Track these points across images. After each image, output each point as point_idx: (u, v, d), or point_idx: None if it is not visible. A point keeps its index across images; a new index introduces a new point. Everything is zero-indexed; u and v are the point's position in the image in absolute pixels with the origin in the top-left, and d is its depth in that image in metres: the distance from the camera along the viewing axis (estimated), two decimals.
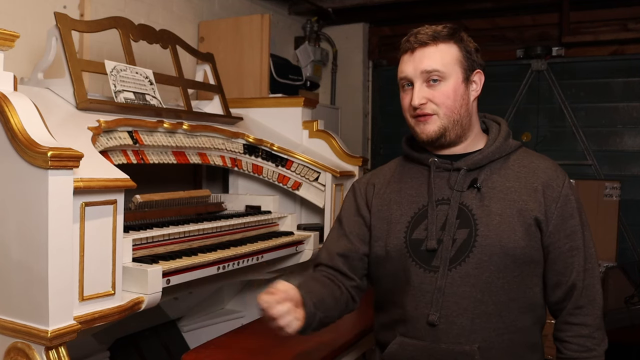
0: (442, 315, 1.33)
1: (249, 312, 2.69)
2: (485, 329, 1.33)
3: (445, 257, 1.34)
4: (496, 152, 1.41)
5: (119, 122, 1.87)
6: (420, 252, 1.37)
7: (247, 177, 2.66)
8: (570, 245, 1.37)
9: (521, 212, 1.35)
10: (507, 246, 1.33)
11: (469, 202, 1.37)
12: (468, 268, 1.33)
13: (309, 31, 4.31)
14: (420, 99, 1.36)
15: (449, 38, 1.38)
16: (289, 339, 1.85)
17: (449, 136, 1.39)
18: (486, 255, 1.33)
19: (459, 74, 1.38)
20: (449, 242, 1.35)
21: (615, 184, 3.77)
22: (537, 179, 1.38)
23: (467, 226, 1.35)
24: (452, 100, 1.37)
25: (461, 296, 1.33)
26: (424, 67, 1.36)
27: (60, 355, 1.34)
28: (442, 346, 1.34)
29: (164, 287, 1.61)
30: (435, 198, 1.40)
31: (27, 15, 2.33)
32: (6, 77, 1.43)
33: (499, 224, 1.34)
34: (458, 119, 1.38)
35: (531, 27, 4.12)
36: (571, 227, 1.37)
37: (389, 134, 4.60)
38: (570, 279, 1.37)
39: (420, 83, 1.37)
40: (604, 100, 3.97)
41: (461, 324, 1.33)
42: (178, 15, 3.15)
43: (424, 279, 1.36)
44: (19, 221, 1.34)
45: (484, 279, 1.33)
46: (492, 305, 1.33)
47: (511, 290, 1.34)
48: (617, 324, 2.79)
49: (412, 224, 1.41)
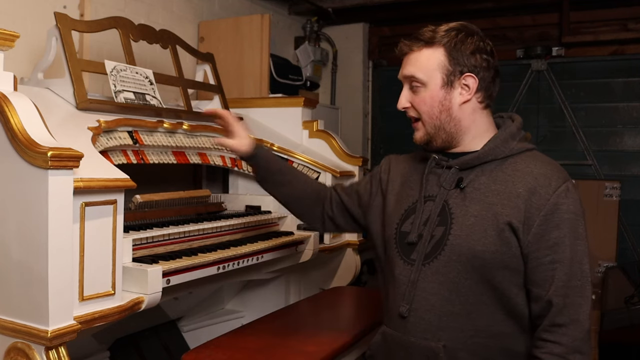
0: (412, 308, 1.37)
1: (249, 312, 2.69)
2: (451, 328, 1.33)
3: (421, 252, 1.38)
4: (489, 154, 1.38)
5: (119, 122, 1.87)
6: (404, 244, 1.42)
7: (247, 177, 2.66)
8: (552, 258, 1.28)
9: (496, 216, 1.32)
10: (474, 248, 1.31)
11: (451, 201, 1.39)
12: (439, 265, 1.35)
13: (309, 31, 4.31)
14: (403, 103, 1.44)
15: (436, 42, 1.38)
16: (289, 339, 1.86)
17: (435, 142, 1.43)
18: (455, 255, 1.34)
19: (437, 80, 1.38)
20: (428, 237, 1.38)
21: (615, 184, 3.77)
22: (523, 184, 1.32)
23: (444, 224, 1.37)
24: (429, 107, 1.39)
25: (430, 292, 1.36)
26: (404, 73, 1.43)
27: (60, 355, 1.34)
28: (411, 339, 1.37)
29: (164, 287, 1.61)
30: (424, 194, 1.44)
31: (27, 15, 2.33)
32: (6, 77, 1.43)
33: (472, 225, 1.33)
34: (439, 125, 1.40)
35: (531, 27, 4.12)
36: (555, 239, 1.28)
37: (389, 134, 4.60)
38: (548, 293, 1.27)
39: (406, 87, 1.43)
40: (604, 100, 3.97)
41: (428, 320, 1.35)
42: (178, 15, 3.15)
43: (402, 271, 1.41)
44: (19, 221, 1.34)
45: (451, 278, 1.34)
46: (459, 305, 1.33)
47: (482, 293, 1.32)
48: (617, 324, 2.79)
49: (404, 217, 1.46)
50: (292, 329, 1.98)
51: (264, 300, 2.67)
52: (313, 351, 1.76)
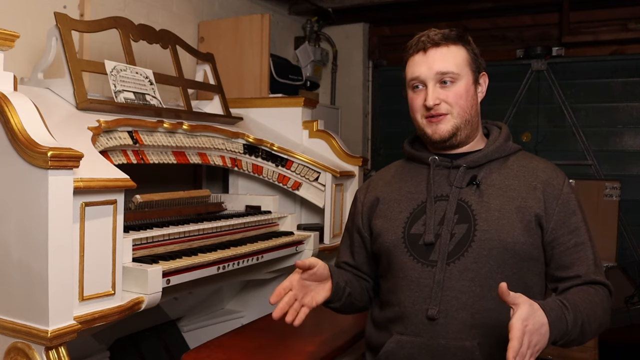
0: (441, 309, 1.33)
1: (249, 312, 2.69)
2: (485, 325, 1.33)
3: (444, 251, 1.36)
4: (495, 152, 1.44)
5: (119, 122, 1.87)
6: (418, 246, 1.39)
7: (247, 177, 2.66)
8: (576, 241, 1.37)
9: (520, 208, 1.36)
10: (506, 240, 1.33)
11: (468, 198, 1.39)
12: (467, 262, 1.34)
13: (309, 31, 4.31)
14: (435, 100, 1.40)
15: (458, 40, 1.43)
16: (289, 339, 1.86)
17: (459, 136, 1.43)
18: (485, 250, 1.34)
19: (469, 76, 1.43)
20: (447, 236, 1.37)
21: (615, 184, 3.77)
22: (536, 178, 1.41)
23: (466, 221, 1.37)
24: (465, 100, 1.41)
25: (460, 290, 1.34)
26: (439, 69, 1.40)
27: (60, 355, 1.34)
28: (440, 342, 1.33)
29: (164, 287, 1.61)
30: (434, 194, 1.43)
31: (27, 15, 2.33)
32: (6, 77, 1.43)
33: (498, 219, 1.35)
34: (469, 119, 1.43)
35: (531, 27, 4.12)
36: (575, 223, 1.38)
37: (389, 134, 4.60)
38: (580, 271, 1.35)
39: (433, 84, 1.41)
40: (604, 100, 3.97)
41: (462, 319, 1.33)
42: (178, 15, 3.15)
43: (421, 274, 1.37)
44: (19, 221, 1.34)
45: (483, 274, 1.33)
46: (491, 301, 1.32)
47: (512, 286, 1.31)
48: (617, 324, 2.79)
49: (411, 220, 1.43)
50: (292, 329, 1.96)
51: (264, 300, 2.66)
52: (313, 351, 1.76)
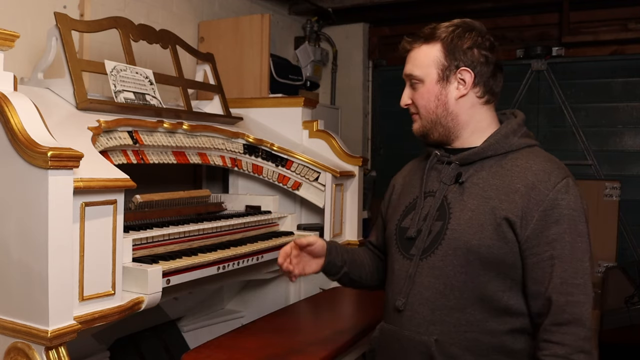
0: (407, 302, 1.39)
1: (249, 312, 2.69)
2: (444, 322, 1.33)
3: (420, 247, 1.40)
4: (488, 149, 1.39)
5: (119, 122, 1.87)
6: (404, 239, 1.45)
7: (247, 177, 2.66)
8: (551, 254, 1.26)
9: (493, 210, 1.31)
10: (470, 242, 1.31)
11: (450, 196, 1.40)
12: (435, 260, 1.36)
13: (309, 31, 4.31)
14: (405, 100, 1.49)
15: (434, 38, 1.42)
16: (290, 339, 1.86)
17: (432, 135, 1.46)
18: (451, 249, 1.34)
19: (433, 75, 1.42)
20: (426, 232, 1.39)
21: (615, 184, 3.77)
22: (522, 180, 1.31)
23: (442, 219, 1.38)
24: (426, 101, 1.44)
25: (425, 286, 1.37)
26: (404, 72, 1.48)
27: (60, 355, 1.34)
28: (405, 333, 1.39)
29: (164, 287, 1.61)
30: (425, 190, 1.46)
31: (27, 15, 2.33)
32: (6, 77, 1.43)
33: (470, 219, 1.33)
34: (435, 119, 1.43)
35: (531, 27, 4.12)
36: (554, 235, 1.26)
37: (389, 134, 4.60)
38: (547, 290, 1.25)
39: (407, 85, 1.48)
40: (604, 100, 3.97)
41: (422, 314, 1.36)
42: (178, 15, 3.15)
43: (402, 266, 1.43)
44: (19, 221, 1.34)
45: (447, 272, 1.34)
46: (454, 300, 1.33)
47: (477, 288, 1.31)
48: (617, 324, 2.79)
49: (404, 213, 1.49)
50: (292, 329, 1.98)
51: (264, 300, 2.67)
52: (313, 351, 1.76)
